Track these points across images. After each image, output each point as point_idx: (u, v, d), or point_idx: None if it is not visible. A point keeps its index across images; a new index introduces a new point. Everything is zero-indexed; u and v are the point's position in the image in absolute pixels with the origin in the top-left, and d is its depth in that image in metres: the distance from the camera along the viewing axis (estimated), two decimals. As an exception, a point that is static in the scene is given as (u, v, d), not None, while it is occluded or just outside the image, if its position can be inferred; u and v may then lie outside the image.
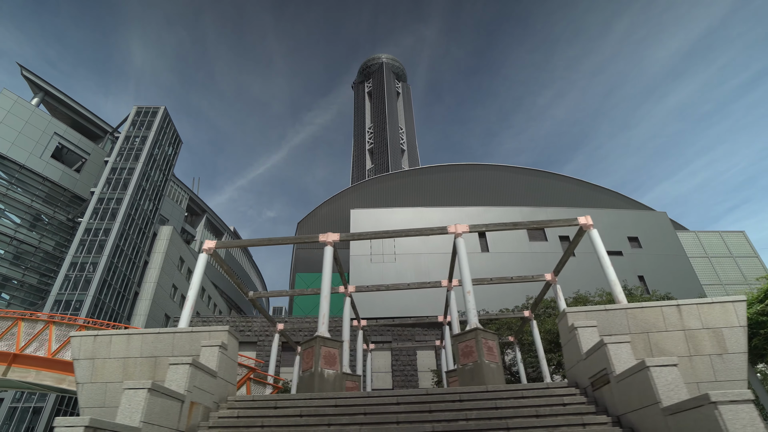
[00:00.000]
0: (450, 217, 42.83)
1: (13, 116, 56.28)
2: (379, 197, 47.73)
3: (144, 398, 6.31)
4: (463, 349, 10.42)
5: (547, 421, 7.11)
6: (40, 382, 12.98)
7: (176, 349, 9.43)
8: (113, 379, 9.37)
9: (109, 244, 52.31)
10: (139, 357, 9.47)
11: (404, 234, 13.67)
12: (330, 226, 46.76)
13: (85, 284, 49.83)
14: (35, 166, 57.05)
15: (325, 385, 9.84)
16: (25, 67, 59.14)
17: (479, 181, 48.85)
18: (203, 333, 9.49)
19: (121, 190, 56.94)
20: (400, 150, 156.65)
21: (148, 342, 9.57)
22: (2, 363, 13.44)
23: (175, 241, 66.44)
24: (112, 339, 9.66)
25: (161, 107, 65.81)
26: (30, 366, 13.29)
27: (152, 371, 9.32)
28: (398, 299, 39.11)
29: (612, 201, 48.03)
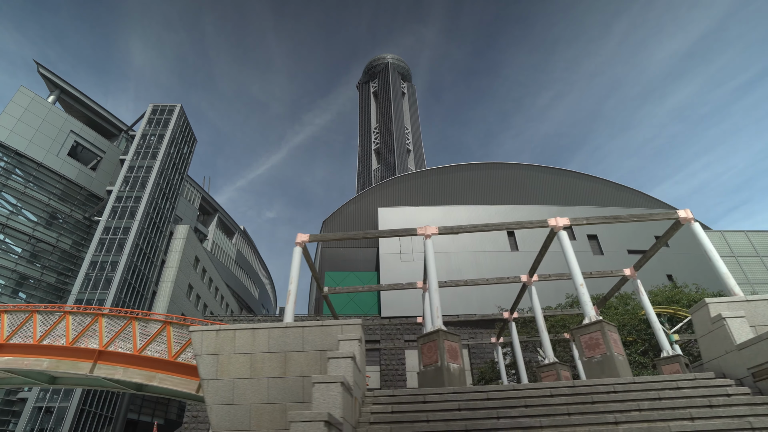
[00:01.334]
0: (478, 216, 42.68)
1: (31, 114, 55.86)
2: (403, 196, 47.54)
3: (339, 392, 6.11)
4: (587, 341, 10.25)
5: (727, 411, 6.95)
6: (129, 379, 12.73)
7: (307, 343, 9.23)
8: (240, 375, 9.15)
9: (129, 243, 51.94)
10: (267, 352, 9.26)
11: (495, 228, 13.50)
12: (355, 224, 46.54)
13: (106, 283, 49.44)
14: (52, 164, 56.64)
15: (452, 380, 9.65)
16: (41, 65, 58.72)
17: (503, 180, 48.73)
18: (334, 327, 9.29)
19: (140, 189, 56.55)
20: (406, 150, 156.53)
21: (275, 336, 9.36)
22: (88, 360, 13.20)
23: (191, 240, 66.07)
24: (236, 334, 9.45)
25: (177, 105, 65.45)
26: (116, 363, 13.04)
27: (283, 366, 9.12)
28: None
29: (635, 200, 47.99)
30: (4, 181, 51.73)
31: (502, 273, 40.08)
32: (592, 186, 49.02)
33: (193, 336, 9.50)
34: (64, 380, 15.88)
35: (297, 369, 9.05)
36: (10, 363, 13.62)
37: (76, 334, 13.64)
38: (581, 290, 11.30)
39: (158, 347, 12.97)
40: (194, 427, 32.39)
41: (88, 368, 12.96)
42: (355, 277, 40.31)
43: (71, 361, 13.27)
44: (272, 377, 9.04)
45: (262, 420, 8.77)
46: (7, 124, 53.25)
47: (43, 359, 13.45)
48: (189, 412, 33.14)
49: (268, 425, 8.74)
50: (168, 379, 12.45)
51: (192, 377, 12.36)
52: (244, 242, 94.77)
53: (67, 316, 14.04)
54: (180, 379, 12.38)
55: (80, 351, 13.38)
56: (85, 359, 13.22)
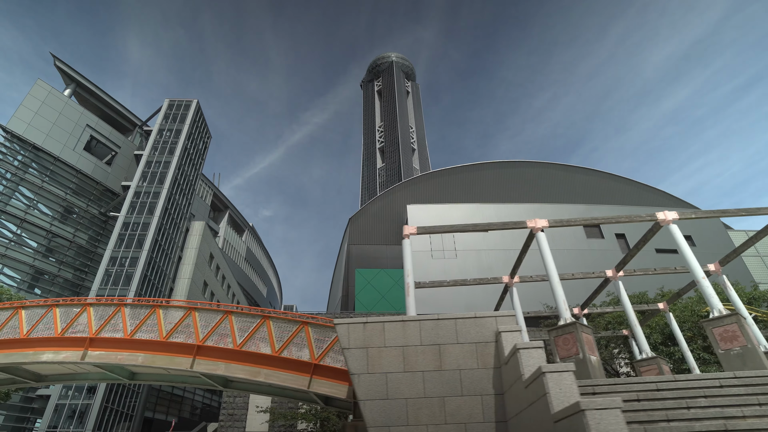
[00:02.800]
0: (508, 213, 42.66)
1: (48, 107, 55.02)
2: (427, 193, 47.40)
3: (572, 380, 5.93)
4: (722, 333, 10.17)
5: None
6: (232, 374, 12.44)
7: (461, 335, 9.05)
8: (393, 369, 8.94)
9: (148, 239, 51.35)
10: (420, 345, 9.07)
11: (604, 221, 13.37)
12: (382, 221, 46.34)
13: (126, 279, 48.84)
14: (69, 158, 55.86)
15: (595, 372, 9.51)
16: (58, 58, 57.82)
17: (528, 178, 48.75)
18: (488, 318, 9.11)
19: (158, 184, 55.90)
20: (411, 149, 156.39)
21: (427, 329, 9.17)
22: (186, 355, 12.90)
23: (206, 237, 65.52)
24: (384, 326, 9.24)
25: (194, 100, 64.80)
26: (217, 358, 12.74)
27: (437, 359, 8.93)
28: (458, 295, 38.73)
29: (659, 200, 48.21)
30: (22, 175, 50.91)
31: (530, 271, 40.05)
32: (616, 185, 49.19)
33: (338, 329, 9.28)
34: (144, 376, 15.55)
35: (453, 362, 8.87)
36: (103, 357, 13.30)
37: (170, 329, 13.32)
38: (704, 283, 11.23)
39: (260, 342, 12.70)
40: (230, 425, 32.02)
41: (188, 364, 12.64)
42: (386, 274, 40.12)
43: (168, 356, 12.96)
44: (427, 371, 8.85)
45: (420, 415, 8.58)
46: (24, 118, 52.42)
47: (137, 354, 13.13)
48: (224, 410, 32.76)
49: (426, 420, 8.55)
50: (275, 375, 12.16)
51: (301, 373, 12.09)
52: (253, 239, 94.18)
53: (157, 310, 13.72)
54: (288, 375, 12.10)
55: (176, 346, 13.08)
56: (182, 354, 12.89)
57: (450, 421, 8.51)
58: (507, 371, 8.31)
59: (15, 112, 52.33)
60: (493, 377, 8.71)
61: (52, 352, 13.61)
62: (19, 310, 14.58)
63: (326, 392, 11.91)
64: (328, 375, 12.13)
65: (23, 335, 14.05)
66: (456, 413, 8.56)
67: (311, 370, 12.13)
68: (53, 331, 13.99)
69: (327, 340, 12.77)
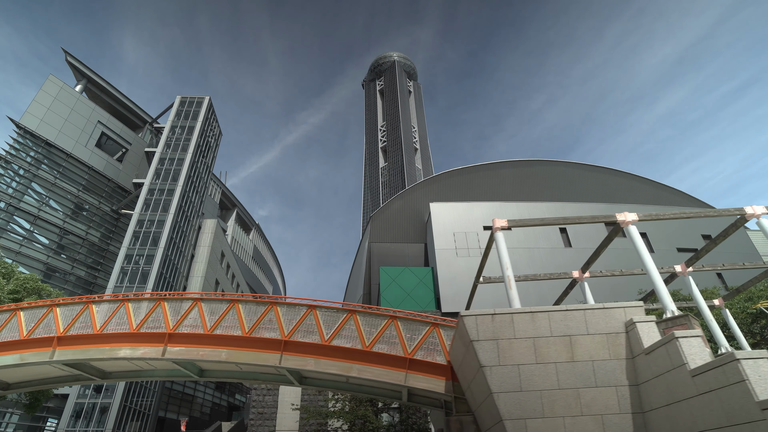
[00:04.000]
0: (530, 212, 42.73)
1: (60, 103, 54.21)
2: (447, 191, 47.35)
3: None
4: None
5: None
6: (323, 370, 12.22)
7: (590, 326, 8.96)
8: (525, 361, 8.84)
9: (164, 237, 50.79)
10: (550, 336, 8.98)
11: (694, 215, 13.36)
12: (403, 219, 46.22)
13: (142, 277, 48.25)
14: (81, 154, 55.11)
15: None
16: (69, 53, 57.00)
17: (546, 177, 48.87)
18: (617, 309, 9.03)
19: (172, 182, 55.32)
20: (413, 148, 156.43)
21: (556, 320, 9.08)
22: (273, 351, 12.69)
23: (218, 235, 64.98)
24: (513, 318, 9.13)
25: (206, 97, 64.21)
26: (305, 354, 12.53)
27: (569, 350, 8.84)
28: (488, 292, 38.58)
29: (677, 200, 48.56)
30: (35, 171, 50.13)
31: (556, 269, 40.21)
32: (634, 184, 49.47)
33: (466, 321, 9.16)
34: (214, 372, 15.28)
35: (584, 353, 8.79)
36: (183, 354, 13.05)
37: (252, 324, 13.10)
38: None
39: (346, 337, 12.53)
40: (261, 424, 31.70)
41: (276, 360, 12.41)
42: (410, 272, 40.00)
43: (253, 352, 12.72)
44: (560, 362, 8.76)
45: (556, 407, 8.49)
46: (37, 113, 51.62)
47: (220, 350, 12.88)
48: (254, 409, 32.45)
49: (562, 412, 8.46)
50: (368, 370, 11.98)
51: (395, 368, 11.93)
52: (259, 238, 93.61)
53: (236, 305, 13.49)
54: (382, 370, 11.93)
55: (261, 341, 12.85)
56: (268, 350, 12.67)
57: (586, 412, 8.43)
58: (646, 362, 8.23)
59: (27, 107, 51.47)
60: (626, 368, 8.63)
61: (130, 348, 13.33)
62: (90, 306, 14.28)
63: (423, 387, 11.78)
64: (423, 370, 12.00)
65: (97, 331, 13.76)
66: (591, 405, 8.48)
67: (407, 365, 11.98)
68: (128, 326, 13.72)
69: (417, 335, 12.64)
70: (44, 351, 13.66)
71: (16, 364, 13.75)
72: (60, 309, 14.40)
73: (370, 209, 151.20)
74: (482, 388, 9.48)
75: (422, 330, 12.68)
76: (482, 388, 9.51)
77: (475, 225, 41.55)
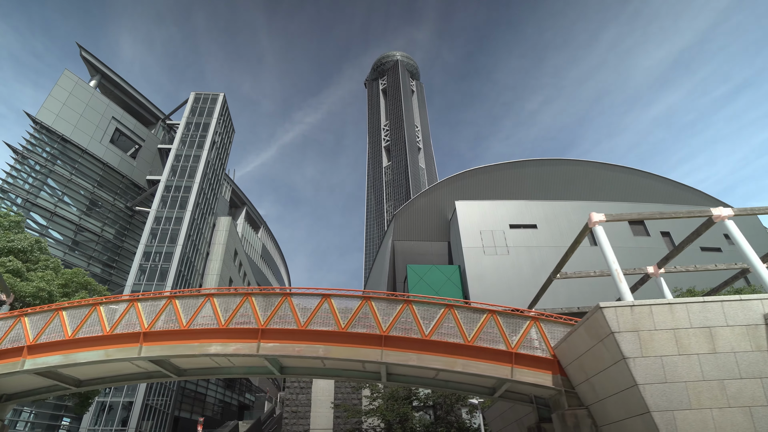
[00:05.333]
0: (555, 211, 42.92)
1: (75, 98, 53.50)
2: (470, 190, 47.41)
3: None
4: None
5: None
6: (426, 365, 12.07)
7: (729, 318, 9.00)
8: (667, 352, 8.84)
9: (182, 234, 50.37)
10: (690, 327, 8.99)
11: None
12: (427, 217, 46.21)
13: (162, 275, 47.82)
14: (96, 150, 54.44)
15: None
16: (84, 48, 56.22)
17: (570, 177, 49.11)
18: (754, 301, 9.08)
19: (189, 178, 54.84)
20: (417, 148, 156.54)
21: (694, 311, 9.11)
22: (371, 346, 12.56)
23: (232, 233, 64.55)
24: (652, 309, 9.14)
25: (220, 94, 63.75)
26: (406, 349, 12.42)
27: (710, 342, 8.86)
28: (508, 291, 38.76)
29: (697, 200, 48.99)
30: (51, 167, 49.41)
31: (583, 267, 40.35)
32: (653, 183, 49.87)
33: (606, 312, 9.15)
34: (293, 369, 15.12)
35: (726, 344, 8.82)
36: (277, 350, 12.90)
37: (347, 320, 12.99)
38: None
39: (447, 332, 12.47)
40: (295, 423, 31.53)
41: (377, 355, 12.30)
42: (437, 270, 40.00)
43: (351, 348, 12.59)
44: (702, 353, 8.78)
45: (702, 398, 8.51)
46: (53, 109, 50.88)
47: (317, 346, 12.75)
48: (288, 407, 32.25)
49: (708, 403, 8.49)
50: (473, 365, 11.93)
51: (500, 362, 11.90)
52: (267, 236, 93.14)
53: (329, 300, 13.36)
54: (487, 365, 11.88)
55: (359, 336, 12.74)
56: (367, 346, 12.54)
57: (733, 404, 8.46)
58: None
59: (43, 102, 50.68)
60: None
61: (221, 344, 13.17)
62: (173, 301, 14.08)
63: (530, 381, 11.77)
64: (528, 364, 11.98)
65: (184, 326, 13.57)
66: (737, 396, 8.51)
67: (512, 359, 11.96)
68: (215, 322, 13.54)
69: (517, 330, 12.62)
70: (131, 347, 13.43)
71: (100, 360, 13.52)
72: (141, 304, 14.16)
73: (374, 208, 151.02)
74: (615, 380, 9.48)
75: (522, 324, 12.66)
76: (615, 381, 9.51)
77: (501, 223, 41.63)
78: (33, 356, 13.67)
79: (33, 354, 13.70)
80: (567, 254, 15.33)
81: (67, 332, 13.89)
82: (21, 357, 13.59)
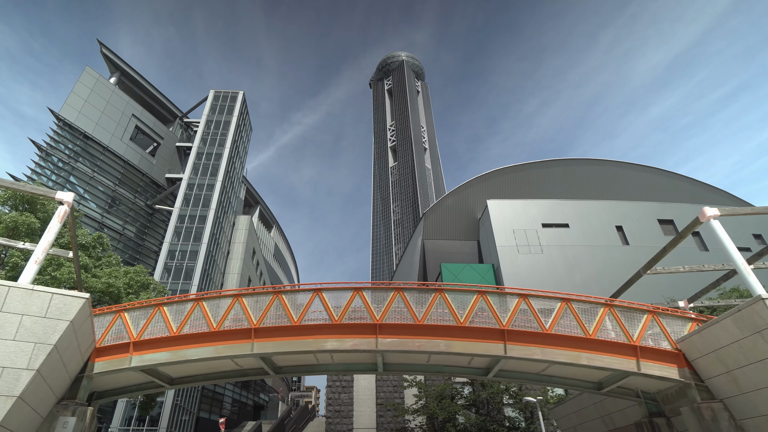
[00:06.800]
0: (586, 210, 43.16)
1: (96, 95, 52.92)
2: (499, 188, 47.55)
3: None
4: None
5: None
6: (550, 359, 12.15)
7: None
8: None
9: (206, 232, 50.01)
10: None
11: None
12: (456, 215, 46.25)
13: (186, 274, 47.43)
14: (117, 148, 53.89)
15: None
16: (104, 45, 55.60)
17: (593, 176, 49.43)
18: None
19: (211, 177, 54.46)
20: (423, 148, 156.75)
21: None
22: (494, 341, 12.55)
23: (251, 232, 64.13)
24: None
25: (240, 92, 63.37)
26: (530, 343, 12.38)
27: None
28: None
29: (721, 200, 49.50)
30: (74, 164, 48.81)
31: (616, 267, 40.68)
32: (679, 184, 50.32)
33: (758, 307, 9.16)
34: (397, 366, 14.97)
35: None
36: (396, 345, 12.76)
37: (465, 314, 12.94)
38: None
39: (565, 325, 12.49)
40: (338, 422, 31.35)
41: (499, 349, 12.22)
42: (471, 269, 40.04)
43: (471, 342, 12.45)
44: None
45: None
46: (75, 105, 50.27)
47: (438, 340, 12.64)
48: (331, 407, 32.08)
49: None
50: (598, 359, 11.93)
51: (624, 356, 11.92)
52: (279, 236, 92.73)
53: (442, 294, 13.31)
54: (612, 358, 11.89)
55: (478, 331, 12.70)
56: (488, 340, 12.44)
57: None
58: None
59: (66, 99, 50.06)
60: None
61: (337, 340, 13.12)
62: (279, 296, 13.94)
63: (657, 374, 11.81)
64: (653, 357, 12.03)
65: (295, 322, 13.44)
66: None
67: (636, 352, 11.99)
68: (327, 317, 13.43)
69: (636, 323, 12.65)
70: (242, 344, 13.26)
71: (209, 357, 13.33)
72: (247, 299, 14.01)
73: (380, 208, 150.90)
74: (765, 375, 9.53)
75: (640, 318, 12.71)
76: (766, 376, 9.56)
77: (533, 222, 41.79)
78: (139, 353, 13.44)
79: (139, 350, 13.47)
80: (666, 249, 15.33)
81: (172, 328, 13.68)
82: (128, 353, 13.36)
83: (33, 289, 10.28)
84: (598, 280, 39.07)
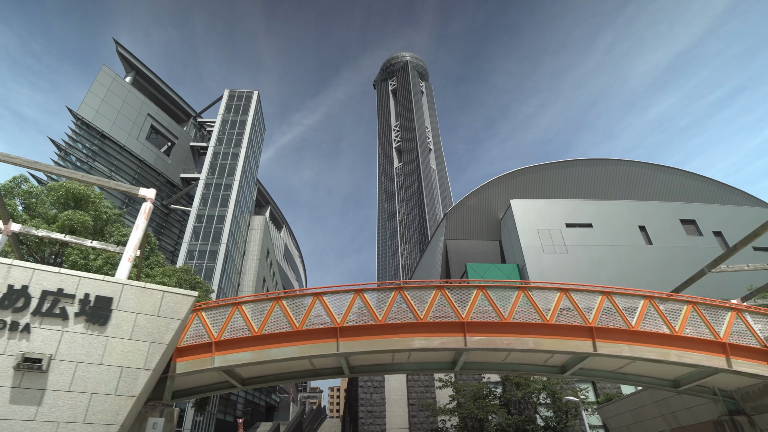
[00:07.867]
0: (609, 210, 43.40)
1: (112, 94, 52.64)
2: (521, 189, 47.72)
3: None
4: None
5: None
6: (638, 355, 12.26)
7: None
8: None
9: (225, 232, 49.85)
10: None
11: None
12: (477, 215, 46.35)
13: (207, 273, 47.23)
14: (133, 147, 53.64)
15: None
16: (120, 44, 55.29)
17: (615, 176, 49.71)
18: None
19: (229, 176, 54.28)
20: (428, 148, 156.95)
21: None
22: (584, 338, 12.62)
23: (266, 232, 63.96)
24: None
25: (255, 92, 63.20)
26: (618, 340, 12.50)
27: None
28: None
29: (739, 199, 49.88)
30: (91, 163, 48.51)
31: (640, 266, 40.93)
32: (696, 183, 50.70)
33: None
34: (472, 365, 15.06)
35: None
36: (484, 343, 12.80)
37: (551, 312, 13.02)
38: None
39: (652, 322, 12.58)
40: (371, 423, 31.33)
41: (588, 347, 12.33)
42: (496, 269, 40.16)
43: (560, 340, 12.59)
44: None
45: None
46: (92, 104, 49.97)
47: (526, 338, 12.72)
48: (363, 407, 32.02)
49: None
50: (687, 356, 12.09)
51: (712, 353, 12.06)
52: (289, 236, 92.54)
53: (525, 292, 13.36)
54: (701, 355, 12.04)
55: (566, 328, 12.78)
56: (577, 337, 12.57)
57: None
58: None
59: (84, 98, 49.76)
60: None
61: (424, 339, 13.10)
62: (361, 294, 13.93)
63: (748, 371, 11.93)
64: (743, 354, 12.15)
65: (380, 321, 13.43)
66: None
67: (725, 350, 12.11)
68: (411, 315, 13.44)
69: (720, 320, 12.76)
70: (327, 343, 13.21)
71: (294, 357, 13.26)
72: (328, 298, 13.97)
73: (385, 209, 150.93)
74: None
75: (724, 315, 12.83)
76: None
77: (557, 222, 41.98)
78: (222, 353, 13.33)
79: (221, 351, 13.36)
80: (736, 247, 15.44)
81: (253, 328, 13.61)
82: (210, 353, 13.26)
83: (145, 287, 10.22)
84: (623, 280, 39.27)
